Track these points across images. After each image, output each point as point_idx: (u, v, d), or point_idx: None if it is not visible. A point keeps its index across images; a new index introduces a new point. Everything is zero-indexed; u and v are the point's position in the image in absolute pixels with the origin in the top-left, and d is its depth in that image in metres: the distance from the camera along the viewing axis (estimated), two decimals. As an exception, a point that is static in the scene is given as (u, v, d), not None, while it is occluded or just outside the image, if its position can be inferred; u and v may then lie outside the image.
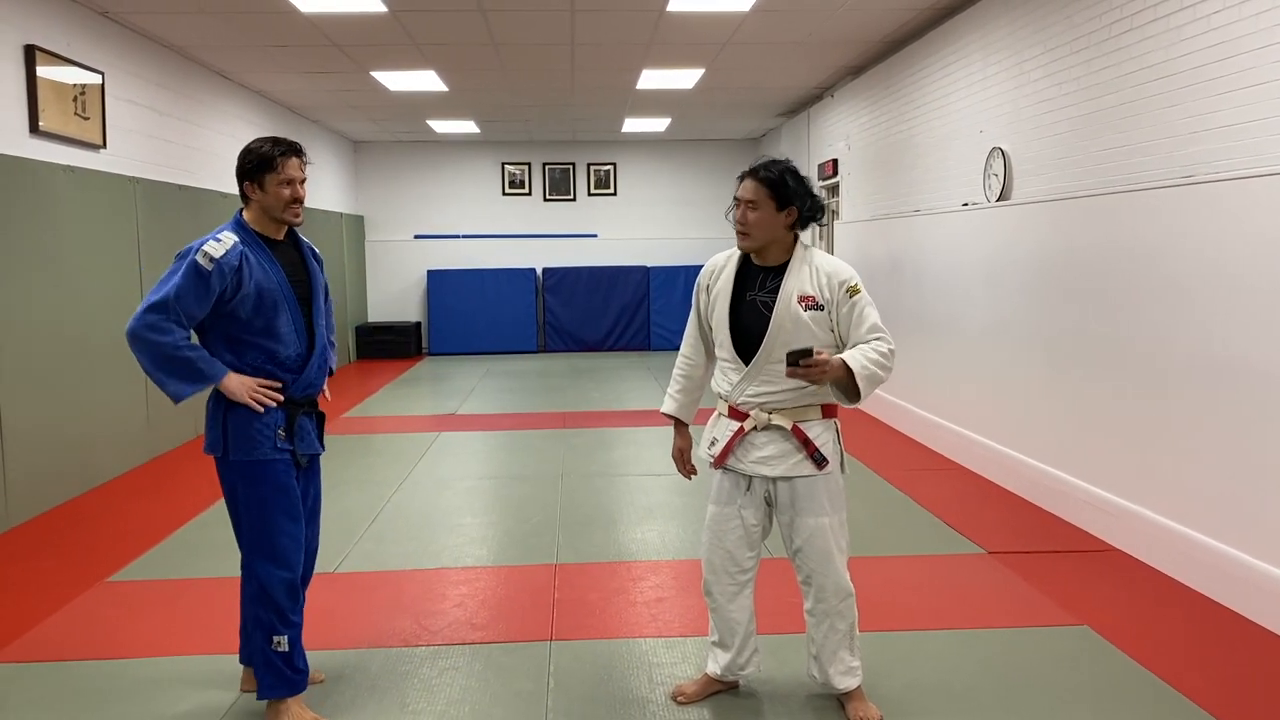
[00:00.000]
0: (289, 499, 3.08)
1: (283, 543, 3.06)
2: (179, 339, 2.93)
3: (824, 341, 3.01)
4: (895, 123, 8.18)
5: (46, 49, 5.84)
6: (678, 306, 14.07)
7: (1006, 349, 6.07)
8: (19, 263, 5.46)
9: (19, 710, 3.26)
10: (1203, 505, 4.25)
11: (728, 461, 3.12)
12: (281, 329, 3.06)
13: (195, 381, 2.99)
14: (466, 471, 6.56)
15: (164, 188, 7.40)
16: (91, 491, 6.13)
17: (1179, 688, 3.32)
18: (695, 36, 7.65)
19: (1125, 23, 4.78)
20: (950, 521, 5.26)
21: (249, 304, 2.99)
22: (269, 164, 3.02)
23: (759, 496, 3.12)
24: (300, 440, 3.13)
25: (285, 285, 3.06)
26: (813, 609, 3.12)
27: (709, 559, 3.21)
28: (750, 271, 3.12)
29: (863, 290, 3.02)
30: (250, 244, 3.03)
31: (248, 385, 3.01)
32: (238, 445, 3.03)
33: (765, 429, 3.06)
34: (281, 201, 3.05)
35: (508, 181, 14.31)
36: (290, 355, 3.09)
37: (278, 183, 3.04)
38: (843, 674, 3.12)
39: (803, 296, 3.00)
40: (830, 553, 3.05)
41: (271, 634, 3.05)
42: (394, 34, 7.35)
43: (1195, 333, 4.28)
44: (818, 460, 3.02)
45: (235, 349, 3.05)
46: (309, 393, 3.17)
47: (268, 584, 3.04)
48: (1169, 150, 4.47)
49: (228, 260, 2.94)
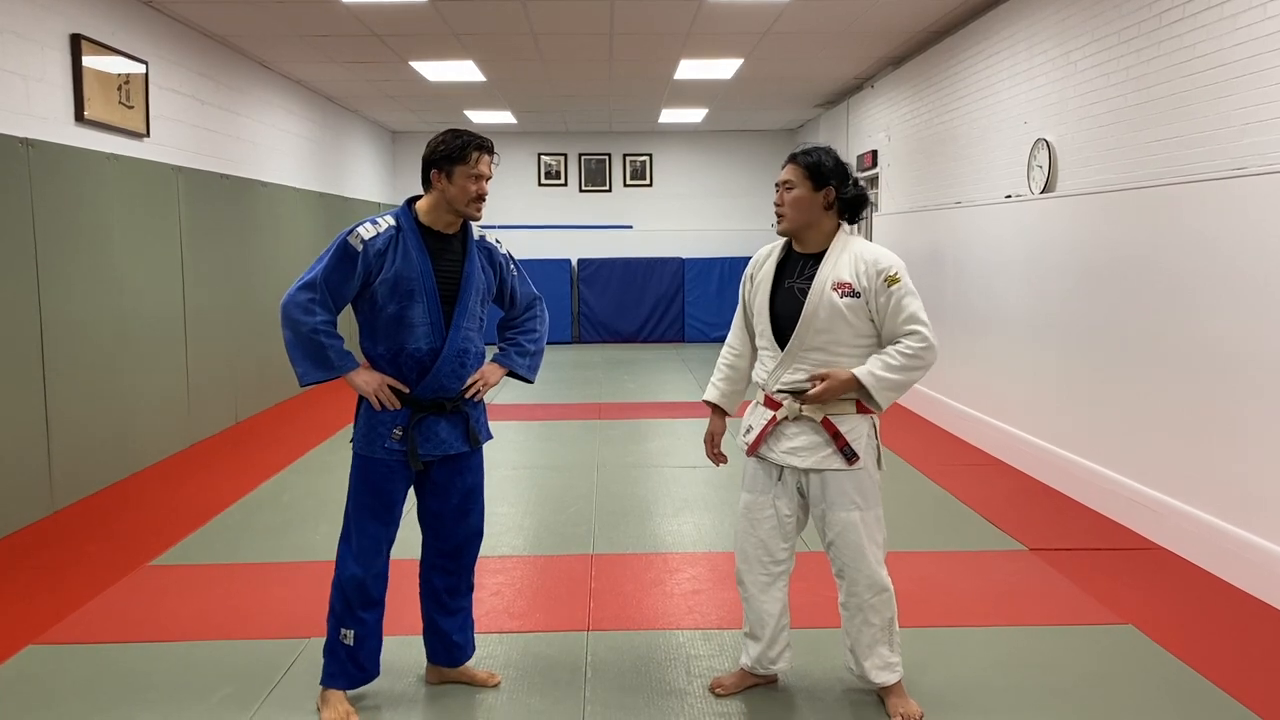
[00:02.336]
0: (381, 502, 3.07)
1: (362, 542, 3.07)
2: (320, 322, 2.94)
3: (860, 331, 2.97)
4: (937, 114, 8.08)
5: (92, 38, 5.90)
6: (713, 298, 14.03)
7: (1050, 343, 5.98)
8: (64, 250, 5.53)
9: (62, 692, 3.30)
10: (1252, 503, 4.16)
11: (760, 450, 3.10)
12: (415, 320, 3.00)
13: (323, 369, 2.98)
14: (502, 461, 6.57)
15: (206, 176, 7.46)
16: (134, 476, 6.21)
17: (1226, 688, 3.25)
18: (734, 26, 7.59)
19: (1177, 10, 4.68)
20: (991, 518, 5.20)
21: (385, 288, 2.97)
22: (462, 156, 2.99)
23: (791, 487, 3.09)
24: (425, 442, 3.06)
25: (429, 277, 3.01)
26: (846, 602, 3.10)
27: (742, 547, 3.19)
28: (791, 259, 3.11)
29: (904, 280, 2.96)
30: (408, 231, 3.02)
31: (375, 383, 3.01)
32: (358, 436, 3.08)
33: (796, 419, 3.03)
34: (467, 196, 3.01)
35: (544, 172, 14.32)
36: (420, 350, 3.02)
37: (466, 176, 3.00)
38: (880, 669, 3.08)
39: (839, 283, 2.96)
40: (862, 547, 3.01)
41: (340, 625, 3.09)
42: (434, 24, 7.36)
43: (1245, 327, 4.18)
44: (848, 454, 2.98)
45: (373, 336, 3.05)
46: (439, 394, 3.07)
47: (341, 573, 3.08)
48: (1221, 142, 4.37)
49: (375, 243, 2.95)
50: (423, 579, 3.28)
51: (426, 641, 3.32)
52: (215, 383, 7.55)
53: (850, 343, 2.98)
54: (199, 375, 7.25)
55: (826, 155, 3.04)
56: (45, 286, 5.35)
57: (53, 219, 5.43)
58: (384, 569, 3.13)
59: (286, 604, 4.00)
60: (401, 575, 3.21)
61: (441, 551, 3.24)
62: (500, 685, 3.32)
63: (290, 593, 4.12)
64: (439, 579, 3.26)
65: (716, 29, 7.66)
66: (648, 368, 11.48)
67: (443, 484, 3.16)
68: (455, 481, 3.18)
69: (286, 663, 3.46)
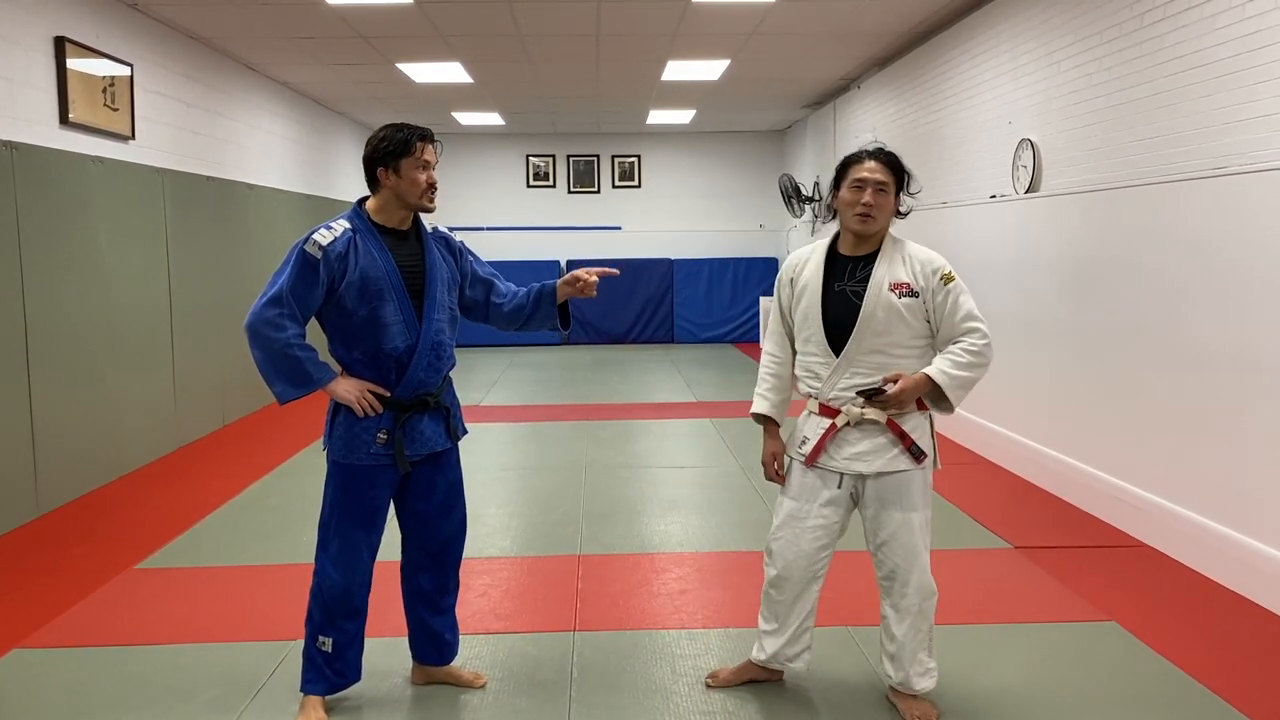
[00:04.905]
0: (365, 509, 3.05)
1: (344, 550, 3.04)
2: (292, 336, 2.89)
3: (918, 332, 2.96)
4: (922, 114, 8.12)
5: (76, 41, 5.89)
6: (701, 299, 14.05)
7: (1036, 342, 6.01)
8: (48, 253, 5.51)
9: (47, 696, 3.29)
10: (1236, 500, 4.19)
11: (819, 460, 3.04)
12: (387, 319, 2.98)
13: (301, 385, 2.93)
14: (490, 462, 6.57)
15: (192, 179, 7.45)
16: (120, 480, 6.19)
17: (1208, 684, 3.27)
18: (721, 27, 7.61)
19: (1157, 11, 4.71)
20: (977, 516, 5.22)
21: (353, 292, 2.94)
22: (407, 148, 2.95)
23: (845, 494, 3.04)
24: (411, 442, 3.05)
25: (394, 274, 2.98)
26: (896, 605, 3.03)
27: (781, 553, 3.09)
28: (838, 262, 3.06)
29: (957, 278, 2.96)
30: (363, 232, 2.99)
31: (356, 390, 2.97)
32: (336, 445, 3.03)
33: (859, 424, 2.99)
34: (418, 188, 2.98)
35: (532, 174, 14.31)
36: (398, 349, 3.00)
37: (414, 167, 2.96)
38: (920, 675, 3.06)
39: (896, 283, 2.94)
40: (916, 549, 2.99)
41: (318, 633, 3.06)
42: (420, 25, 7.36)
43: (1230, 325, 4.22)
44: (915, 454, 2.97)
45: (346, 341, 3.02)
46: (419, 392, 3.05)
47: (321, 581, 3.05)
48: (1202, 141, 4.40)
49: (334, 247, 2.91)
50: (407, 580, 3.27)
51: (414, 642, 3.31)
52: (202, 386, 7.53)
53: (908, 344, 2.96)
54: (186, 379, 7.23)
55: (899, 159, 3.03)
56: (30, 290, 5.33)
57: (37, 222, 5.41)
58: (368, 576, 3.11)
59: (273, 607, 3.99)
60: (380, 578, 3.20)
61: (427, 551, 3.23)
62: (486, 686, 3.32)
63: (276, 596, 4.11)
64: (427, 579, 3.25)
65: (703, 30, 7.68)
66: (637, 368, 11.49)
67: (426, 483, 3.15)
68: (438, 479, 3.18)
69: (272, 666, 3.45)
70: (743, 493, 5.52)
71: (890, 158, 3.01)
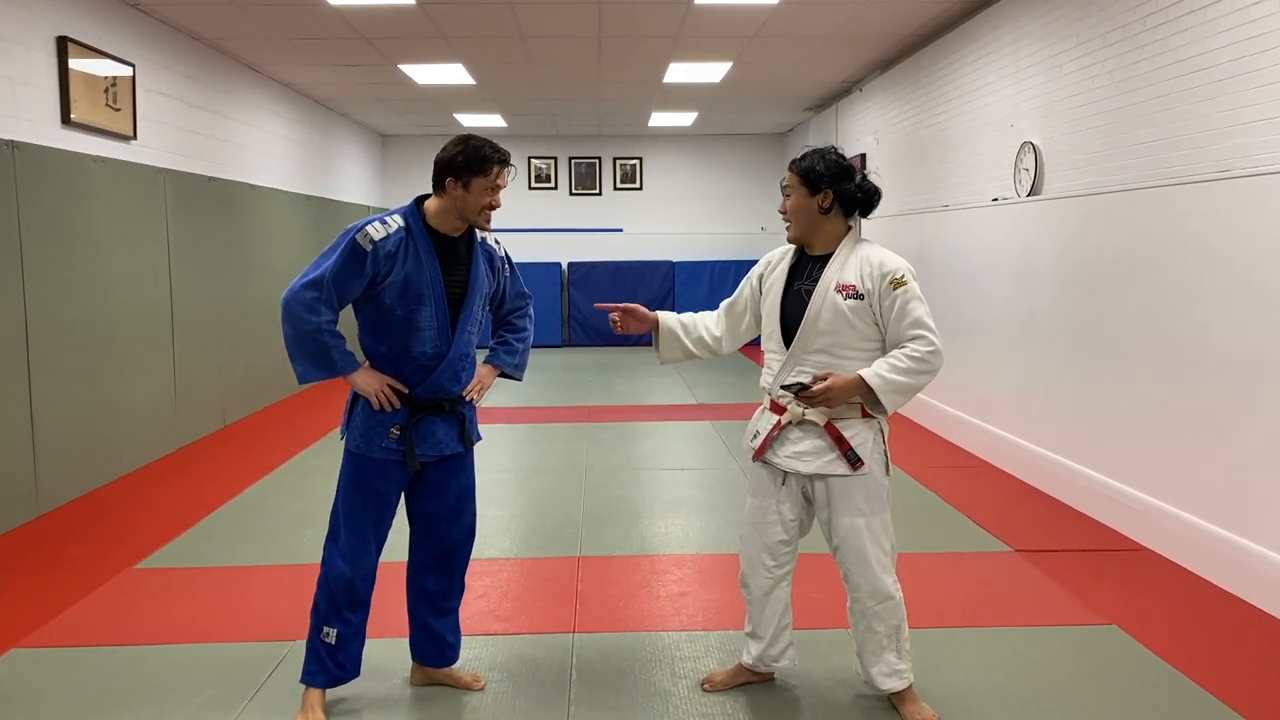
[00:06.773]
0: (375, 502, 3.07)
1: (353, 541, 3.05)
2: (324, 322, 2.90)
3: (865, 334, 2.96)
4: (924, 117, 8.12)
5: (78, 40, 5.89)
6: (703, 302, 14.01)
7: (1037, 345, 6.01)
8: (50, 252, 5.51)
9: (47, 695, 3.29)
10: (1235, 503, 4.18)
11: (765, 454, 3.10)
12: (422, 324, 2.99)
13: (324, 369, 2.95)
14: (490, 464, 6.56)
15: (194, 179, 7.45)
16: (120, 479, 6.19)
17: (1208, 688, 3.27)
18: (723, 29, 7.61)
19: (1160, 15, 4.71)
20: (977, 519, 5.21)
21: (394, 291, 2.95)
22: (483, 167, 2.94)
23: (796, 492, 3.08)
24: (422, 443, 3.06)
25: (438, 281, 3.00)
26: (851, 607, 3.09)
27: (745, 551, 3.20)
28: (802, 262, 3.12)
29: (910, 284, 2.94)
30: (417, 233, 2.99)
31: (376, 384, 2.99)
32: (354, 434, 3.05)
33: (800, 424, 3.02)
34: (479, 206, 2.99)
35: (534, 175, 14.32)
36: (426, 353, 3.02)
37: (485, 188, 2.97)
38: (886, 675, 3.06)
39: (842, 285, 2.96)
40: (866, 554, 2.99)
41: (323, 624, 3.07)
42: (422, 27, 7.36)
43: (1231, 327, 4.21)
44: (851, 460, 2.97)
45: (376, 334, 3.03)
46: (437, 395, 3.07)
47: (328, 572, 3.07)
48: (1204, 145, 4.40)
49: (385, 245, 2.92)
50: (412, 581, 3.27)
51: (415, 643, 3.31)
52: (203, 386, 7.53)
53: (855, 345, 2.97)
54: (186, 379, 7.23)
55: (821, 159, 3.02)
56: (31, 290, 5.33)
57: (39, 222, 5.41)
58: (373, 570, 3.12)
59: (272, 607, 3.99)
60: (384, 578, 3.20)
61: (435, 553, 3.23)
62: (485, 687, 3.32)
63: (276, 596, 4.11)
64: (433, 581, 3.25)
65: (705, 32, 7.68)
66: (637, 370, 11.49)
67: (438, 485, 3.16)
68: (450, 483, 3.19)
69: (270, 666, 3.45)
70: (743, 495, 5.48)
71: (798, 164, 3.04)
